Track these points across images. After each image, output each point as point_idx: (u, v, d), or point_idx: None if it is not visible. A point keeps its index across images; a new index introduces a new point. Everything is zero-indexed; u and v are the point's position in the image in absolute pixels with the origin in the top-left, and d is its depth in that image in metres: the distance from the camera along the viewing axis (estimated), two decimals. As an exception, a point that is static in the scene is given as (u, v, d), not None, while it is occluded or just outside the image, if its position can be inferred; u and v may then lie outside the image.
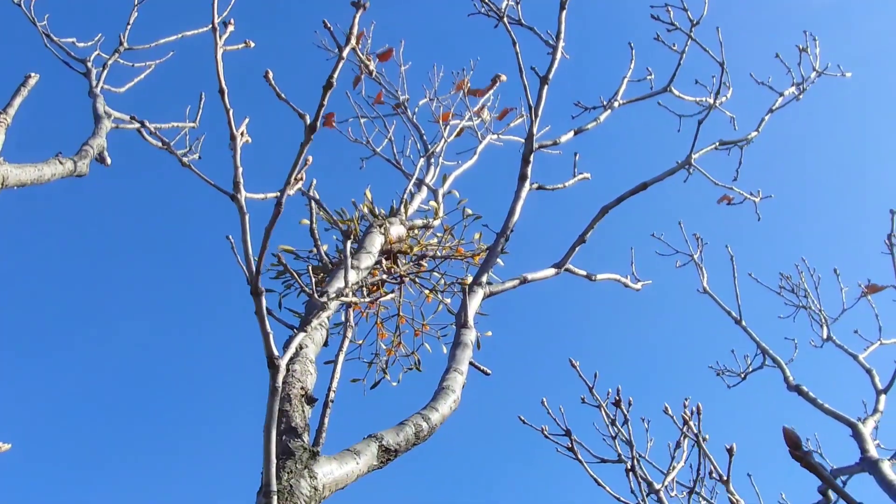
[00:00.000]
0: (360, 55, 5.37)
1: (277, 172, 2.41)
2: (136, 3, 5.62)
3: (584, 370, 3.61)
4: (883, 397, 5.13)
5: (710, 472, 3.10)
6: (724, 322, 6.00)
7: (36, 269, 11.98)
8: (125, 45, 5.45)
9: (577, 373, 3.53)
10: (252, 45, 2.70)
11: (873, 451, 4.49)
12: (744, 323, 5.85)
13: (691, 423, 3.11)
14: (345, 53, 2.27)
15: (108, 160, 4.23)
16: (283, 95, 2.34)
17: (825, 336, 5.90)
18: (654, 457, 3.49)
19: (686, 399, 3.20)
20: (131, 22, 5.54)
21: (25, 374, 11.61)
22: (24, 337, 11.86)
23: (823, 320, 5.96)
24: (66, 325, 12.38)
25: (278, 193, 2.45)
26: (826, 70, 5.18)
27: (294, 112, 2.37)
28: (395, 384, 5.04)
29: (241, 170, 2.41)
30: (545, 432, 3.46)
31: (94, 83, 5.11)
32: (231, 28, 2.68)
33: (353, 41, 2.30)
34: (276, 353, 2.23)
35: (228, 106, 2.42)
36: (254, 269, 2.24)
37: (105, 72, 5.24)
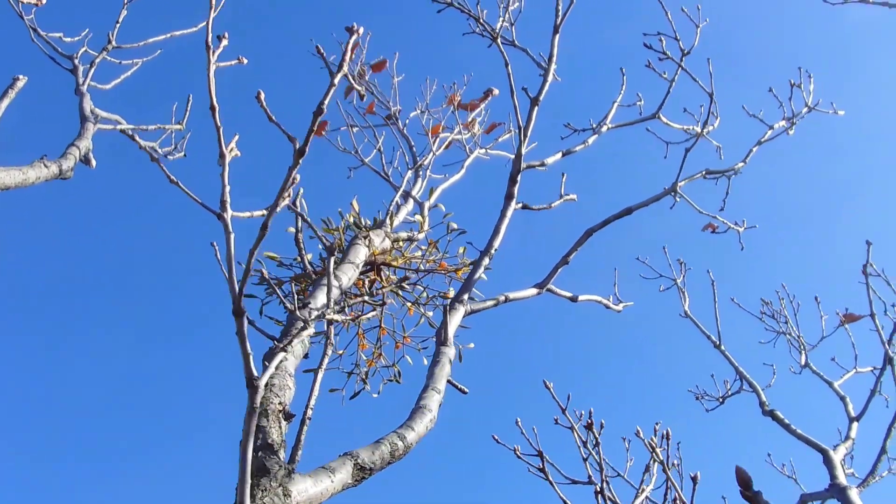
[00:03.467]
0: (351, 79, 5.38)
1: (263, 184, 2.43)
2: (125, 1, 5.60)
3: (564, 390, 3.63)
4: (855, 425, 5.20)
5: (675, 500, 3.14)
6: (704, 346, 6.08)
7: (17, 273, 11.85)
8: (113, 43, 5.42)
9: (550, 394, 3.56)
10: (245, 61, 2.71)
11: (842, 479, 4.55)
12: (723, 347, 5.92)
13: (658, 449, 3.15)
14: (336, 80, 2.29)
15: (94, 162, 4.21)
16: (273, 118, 2.35)
17: (803, 363, 5.98)
18: (633, 476, 3.51)
19: (657, 424, 3.24)
20: (120, 20, 5.51)
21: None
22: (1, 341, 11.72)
23: (802, 347, 6.04)
24: (50, 329, 12.27)
25: (265, 212, 2.47)
26: (818, 106, 5.25)
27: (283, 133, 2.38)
28: (375, 395, 5.05)
29: (228, 188, 2.42)
30: (517, 452, 3.48)
31: (80, 80, 5.07)
32: (225, 42, 2.69)
33: (346, 68, 2.32)
34: (255, 373, 2.24)
35: (219, 124, 2.43)
36: (237, 289, 2.25)
37: (92, 69, 5.21)
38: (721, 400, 6.18)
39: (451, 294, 4.84)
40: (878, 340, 5.12)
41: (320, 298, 3.76)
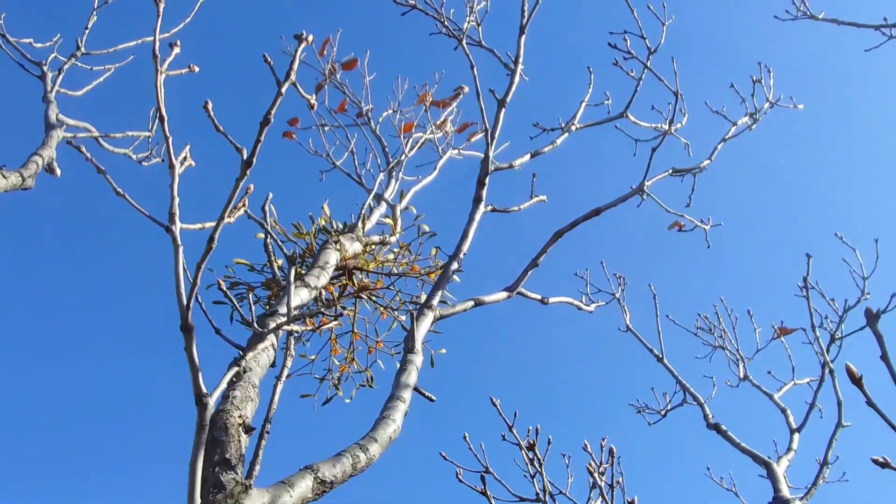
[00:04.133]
0: (303, 94, 5.34)
1: (225, 194, 2.37)
2: (95, 6, 5.54)
3: (510, 400, 3.62)
4: (797, 436, 5.24)
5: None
6: (646, 359, 6.10)
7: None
8: (83, 49, 5.36)
9: (497, 411, 3.55)
10: (196, 69, 2.66)
11: (785, 491, 4.58)
12: (665, 360, 5.95)
13: (600, 469, 3.14)
14: (283, 89, 2.25)
15: (58, 171, 4.16)
16: (220, 128, 2.32)
17: (742, 375, 6.03)
18: (576, 491, 3.49)
19: (603, 439, 3.24)
20: (89, 26, 5.46)
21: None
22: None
23: (740, 359, 6.08)
24: (9, 340, 12.06)
25: (214, 224, 2.43)
26: (779, 101, 5.26)
27: (232, 144, 2.35)
28: (347, 401, 5.02)
29: (177, 200, 2.39)
30: (459, 476, 3.47)
31: (48, 87, 5.02)
32: (177, 50, 2.65)
33: (293, 77, 2.28)
34: (204, 390, 2.20)
35: (168, 133, 2.40)
36: (184, 303, 2.21)
37: (61, 76, 5.15)
38: (663, 413, 6.20)
39: (423, 297, 4.80)
40: (811, 352, 5.19)
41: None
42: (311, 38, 2.45)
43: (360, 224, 4.94)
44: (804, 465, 5.14)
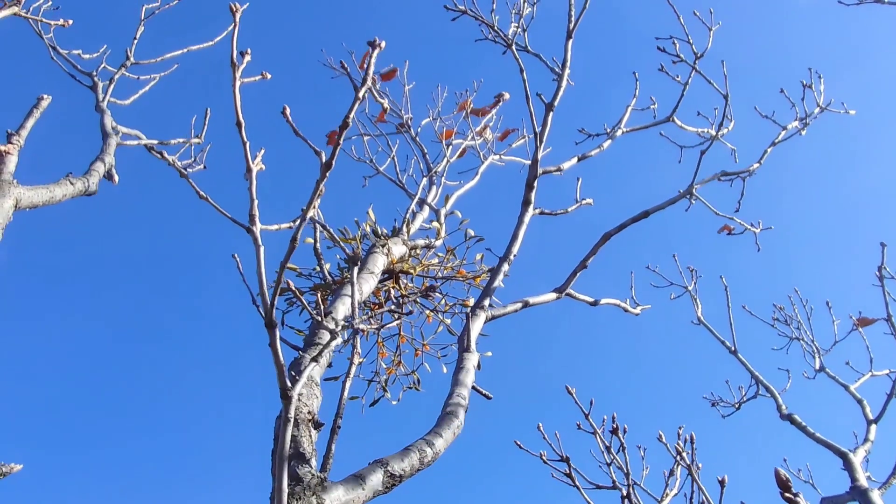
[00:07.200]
0: (378, 98, 5.43)
1: (285, 196, 2.46)
2: (142, 17, 5.68)
3: (581, 396, 3.65)
4: (874, 427, 5.22)
5: (702, 503, 3.15)
6: (719, 352, 6.11)
7: (46, 290, 11.98)
8: (132, 59, 5.49)
9: (573, 399, 3.58)
10: (269, 76, 2.75)
11: (863, 481, 4.56)
12: (738, 353, 5.94)
13: (684, 453, 3.16)
14: (361, 94, 2.33)
15: (116, 178, 4.27)
16: (300, 132, 2.40)
17: (818, 367, 6.01)
18: (649, 484, 3.53)
19: (680, 428, 3.26)
20: (138, 36, 5.59)
21: (30, 397, 11.59)
22: (37, 362, 11.86)
23: (816, 351, 6.06)
24: (79, 346, 12.38)
25: (291, 225, 2.51)
26: (829, 106, 5.27)
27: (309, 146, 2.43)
28: (394, 403, 5.09)
29: (256, 202, 2.47)
30: (544, 457, 3.50)
31: (100, 97, 5.14)
32: (248, 58, 2.74)
33: (370, 81, 2.36)
34: (289, 384, 2.28)
35: (245, 139, 2.48)
36: (268, 302, 2.29)
37: (112, 86, 5.28)
38: (737, 406, 6.21)
39: (470, 301, 4.87)
40: (891, 342, 5.14)
41: (340, 308, 3.80)
42: (383, 44, 2.53)
43: (404, 228, 5.03)
44: (883, 457, 5.14)
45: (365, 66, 2.50)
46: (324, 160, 2.37)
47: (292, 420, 2.27)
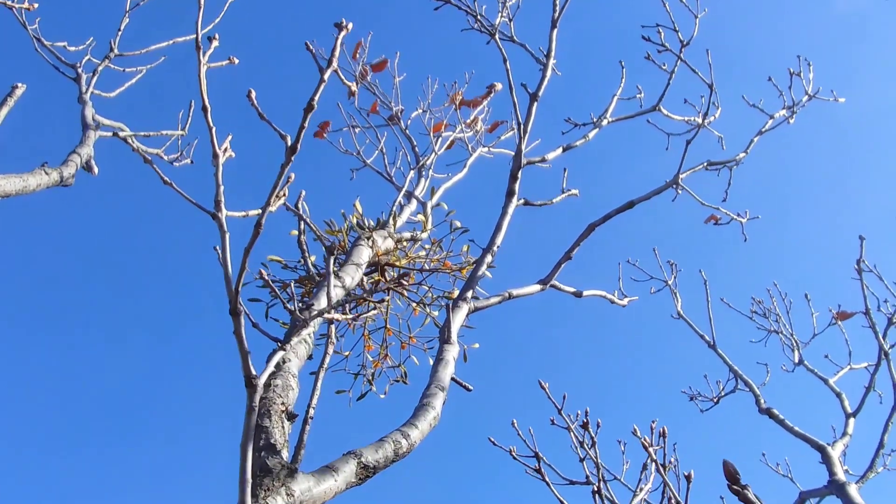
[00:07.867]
0: (345, 80, 5.38)
1: (261, 186, 2.41)
2: (127, 9, 5.62)
3: (557, 391, 3.61)
4: (852, 421, 5.20)
5: (671, 500, 3.10)
6: (698, 346, 6.08)
7: (20, 280, 11.94)
8: (116, 51, 5.44)
9: (546, 394, 3.54)
10: (236, 61, 2.70)
11: (841, 475, 4.53)
12: (717, 347, 5.91)
13: (651, 449, 3.11)
14: (326, 76, 2.28)
15: (96, 169, 4.23)
16: (264, 116, 2.35)
17: (796, 360, 5.98)
18: (630, 479, 3.48)
19: (653, 422, 3.22)
20: (122, 28, 5.53)
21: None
22: (5, 356, 11.80)
23: (795, 345, 6.02)
24: (49, 335, 12.33)
25: (259, 212, 2.46)
26: (818, 94, 5.21)
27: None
28: (381, 396, 5.05)
29: (222, 188, 2.42)
30: (513, 454, 3.46)
31: (83, 89, 5.10)
32: (216, 43, 2.69)
33: (335, 63, 2.31)
34: (253, 372, 2.23)
35: (211, 124, 2.43)
36: (233, 288, 2.25)
37: (95, 78, 5.23)
38: (716, 400, 6.17)
39: (456, 293, 4.82)
40: (870, 336, 5.11)
41: (323, 299, 3.76)
42: (350, 25, 2.48)
43: (391, 221, 4.98)
44: (862, 451, 5.10)
45: (335, 51, 2.45)
46: (289, 144, 2.32)
47: (257, 409, 2.22)
